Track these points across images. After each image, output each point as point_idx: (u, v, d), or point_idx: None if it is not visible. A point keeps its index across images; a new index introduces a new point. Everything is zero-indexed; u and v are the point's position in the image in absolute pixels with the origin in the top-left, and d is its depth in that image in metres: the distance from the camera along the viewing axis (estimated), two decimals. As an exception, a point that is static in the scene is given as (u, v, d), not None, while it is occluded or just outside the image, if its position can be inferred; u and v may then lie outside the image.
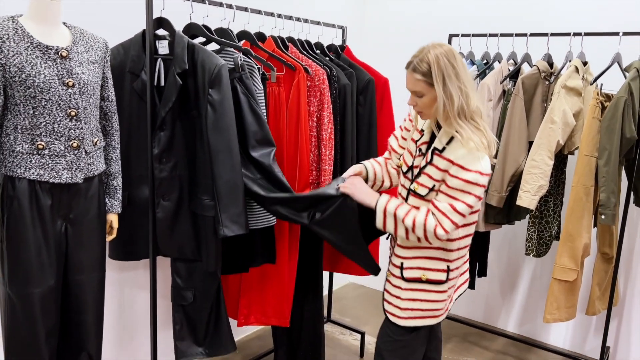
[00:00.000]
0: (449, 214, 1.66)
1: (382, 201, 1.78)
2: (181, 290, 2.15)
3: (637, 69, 2.42)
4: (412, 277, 1.83)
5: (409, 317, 1.86)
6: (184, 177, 2.06)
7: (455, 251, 1.81)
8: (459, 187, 1.66)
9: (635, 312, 2.96)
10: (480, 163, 1.64)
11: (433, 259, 1.80)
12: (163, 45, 1.99)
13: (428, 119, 1.80)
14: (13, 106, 1.57)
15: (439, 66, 1.64)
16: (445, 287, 1.84)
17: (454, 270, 1.83)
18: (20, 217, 1.60)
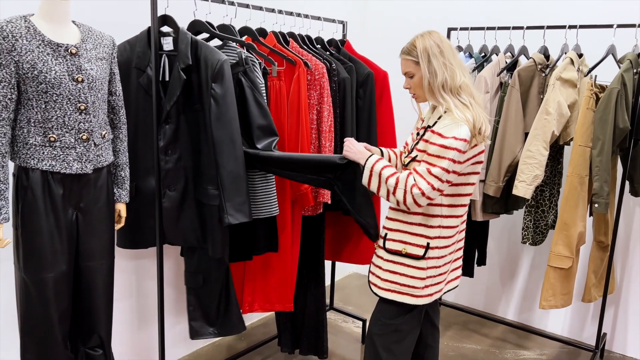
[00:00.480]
0: (424, 175, 1.76)
1: (371, 160, 1.89)
2: (193, 275, 2.26)
3: (630, 61, 2.47)
4: (394, 249, 1.92)
5: (387, 290, 1.94)
6: (188, 168, 2.15)
7: (436, 228, 1.87)
8: (436, 152, 1.76)
9: (633, 300, 3.02)
10: (457, 130, 1.74)
11: (414, 234, 1.89)
12: (167, 42, 2.07)
13: (422, 101, 1.92)
14: (26, 101, 1.66)
15: (424, 46, 1.83)
16: (424, 265, 1.88)
17: (434, 249, 1.88)
18: (34, 206, 1.69)
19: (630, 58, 2.49)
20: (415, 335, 2.06)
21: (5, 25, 1.60)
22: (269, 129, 2.13)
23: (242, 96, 2.08)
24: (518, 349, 3.11)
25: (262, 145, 2.12)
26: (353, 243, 2.90)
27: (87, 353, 1.96)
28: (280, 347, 2.82)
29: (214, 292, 2.28)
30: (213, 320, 2.33)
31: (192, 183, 2.17)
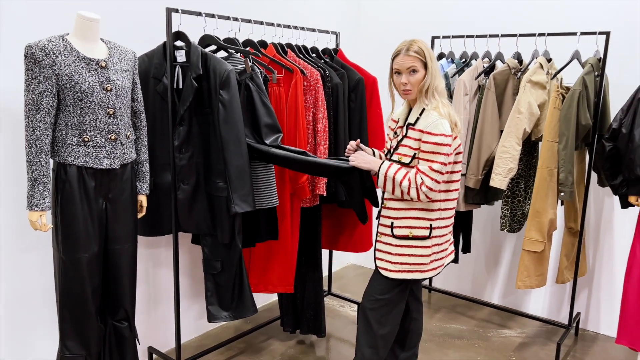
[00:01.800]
0: (428, 173, 2.07)
1: (384, 167, 2.18)
2: (211, 261, 2.52)
3: (591, 65, 2.77)
4: (401, 234, 2.20)
5: (399, 271, 2.23)
6: (200, 164, 2.45)
7: (436, 211, 2.18)
8: (431, 149, 2.07)
9: (604, 281, 3.31)
10: (443, 127, 2.06)
11: (418, 218, 2.18)
12: (181, 54, 2.38)
13: (412, 97, 2.18)
14: (64, 107, 1.97)
15: (427, 49, 2.14)
16: (429, 243, 2.20)
17: (436, 229, 2.19)
18: (71, 196, 2.00)
19: (591, 62, 2.78)
20: (402, 307, 2.35)
21: (47, 44, 1.91)
22: (274, 126, 2.43)
23: (250, 98, 2.39)
24: (500, 329, 3.39)
25: (269, 140, 2.42)
26: (348, 233, 3.19)
27: (115, 325, 2.27)
28: (283, 328, 3.12)
29: (230, 276, 2.54)
30: (228, 305, 2.57)
31: (203, 177, 2.47)
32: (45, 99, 1.91)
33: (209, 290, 2.54)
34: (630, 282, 2.68)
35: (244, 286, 2.57)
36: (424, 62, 2.12)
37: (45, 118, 1.92)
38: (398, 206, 2.21)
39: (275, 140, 2.43)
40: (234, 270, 2.56)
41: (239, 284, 2.58)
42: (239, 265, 2.57)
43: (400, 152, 2.18)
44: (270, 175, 2.53)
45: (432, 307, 3.67)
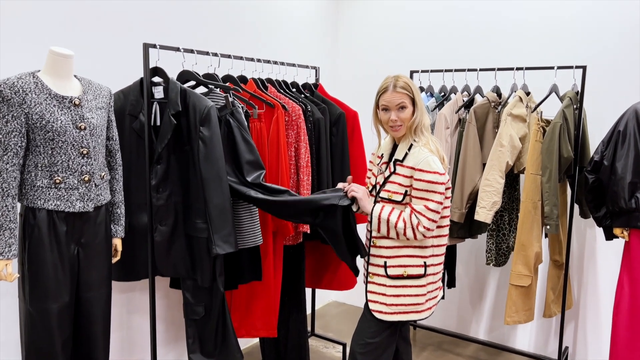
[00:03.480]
0: (425, 213, 2.02)
1: (377, 208, 2.12)
2: (193, 306, 2.38)
3: (570, 98, 2.80)
4: (395, 274, 2.12)
5: (394, 313, 2.13)
6: (178, 203, 2.34)
7: (429, 248, 2.12)
8: (425, 188, 2.02)
9: (590, 313, 3.28)
10: (435, 165, 2.03)
11: (412, 256, 2.11)
12: (158, 91, 2.29)
13: (402, 134, 2.13)
14: (34, 147, 1.85)
15: (413, 84, 2.11)
16: (424, 282, 2.12)
17: (430, 266, 2.12)
18: (40, 242, 1.86)
19: (570, 96, 2.81)
20: (392, 349, 2.26)
21: (16, 82, 1.80)
22: (256, 163, 2.35)
23: (230, 135, 2.30)
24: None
25: (251, 178, 2.33)
26: (332, 270, 3.10)
27: (86, 380, 2.10)
28: (265, 373, 2.97)
29: (212, 321, 2.41)
30: (211, 352, 2.41)
31: (181, 218, 2.35)
32: (13, 139, 1.80)
33: (190, 337, 2.40)
34: (619, 315, 2.64)
35: (227, 331, 2.43)
36: (412, 97, 2.09)
37: (13, 159, 1.80)
38: (390, 244, 2.13)
39: (257, 178, 2.35)
40: (217, 314, 2.42)
41: (222, 329, 2.44)
42: (222, 309, 2.43)
43: (389, 189, 2.12)
44: (254, 211, 2.43)
45: (418, 345, 3.57)
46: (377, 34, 3.96)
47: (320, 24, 3.97)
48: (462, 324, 3.77)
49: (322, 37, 4.04)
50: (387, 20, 3.90)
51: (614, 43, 3.02)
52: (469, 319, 3.74)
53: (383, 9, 3.92)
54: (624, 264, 2.64)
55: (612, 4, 3.01)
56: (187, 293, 2.41)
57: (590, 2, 3.08)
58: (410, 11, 3.79)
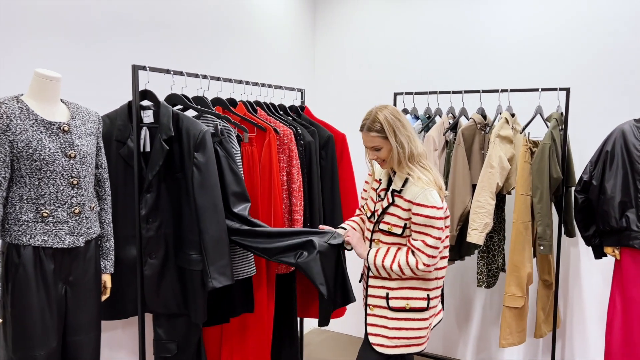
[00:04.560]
0: (423, 249, 1.94)
1: (371, 256, 2.04)
2: (165, 343, 2.24)
3: (556, 119, 2.84)
4: (398, 306, 2.04)
5: (395, 346, 2.05)
6: (169, 234, 2.20)
7: (434, 280, 2.06)
8: (423, 222, 1.94)
9: (576, 332, 3.30)
10: (433, 198, 1.95)
11: (415, 288, 2.04)
12: (148, 115, 2.16)
13: (388, 167, 2.09)
14: (19, 178, 1.69)
15: (388, 122, 1.99)
16: (427, 315, 2.06)
17: (434, 299, 2.07)
18: (25, 283, 1.68)
19: (556, 117, 2.86)
20: None
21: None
22: (242, 195, 2.24)
23: (217, 164, 2.19)
24: (480, 389, 3.27)
25: (237, 209, 2.22)
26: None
27: None
28: (256, 409, 2.81)
29: (186, 359, 2.27)
30: None
31: (172, 249, 2.21)
32: (-4, 169, 1.63)
33: None
34: (612, 333, 2.66)
35: None
36: (385, 137, 2.00)
37: (-5, 192, 1.63)
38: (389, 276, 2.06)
39: (243, 210, 2.23)
40: (192, 351, 2.28)
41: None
42: (197, 345, 2.30)
43: (389, 221, 2.05)
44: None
45: (406, 371, 3.49)
46: (362, 56, 3.95)
47: (303, 46, 3.93)
48: (448, 347, 3.73)
49: (305, 60, 3.98)
50: (372, 43, 3.89)
51: (596, 65, 3.11)
52: (456, 341, 3.70)
53: (367, 31, 3.92)
54: (615, 282, 2.67)
55: (594, 28, 3.10)
56: (159, 329, 2.26)
57: (573, 26, 3.16)
58: (393, 34, 3.80)
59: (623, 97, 3.03)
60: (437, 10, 3.59)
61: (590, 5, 3.10)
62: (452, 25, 3.55)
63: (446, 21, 3.57)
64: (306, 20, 3.98)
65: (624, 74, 3.02)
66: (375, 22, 3.85)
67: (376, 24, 3.85)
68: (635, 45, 2.99)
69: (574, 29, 3.16)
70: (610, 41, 3.06)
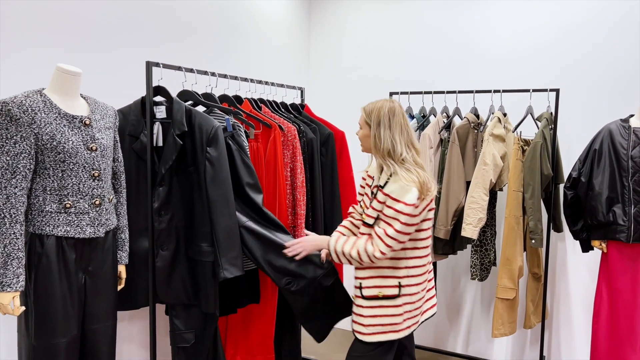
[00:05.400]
0: (382, 237, 2.01)
1: (332, 243, 2.14)
2: (182, 333, 2.29)
3: (546, 119, 2.98)
4: (370, 295, 2.12)
5: (372, 333, 2.13)
6: (180, 227, 2.25)
7: (403, 269, 2.11)
8: (390, 214, 2.02)
9: (563, 323, 3.45)
10: (406, 195, 1.99)
11: (385, 277, 2.11)
12: (160, 110, 2.22)
13: (365, 151, 2.19)
14: (42, 170, 1.73)
15: (378, 113, 2.08)
16: (400, 302, 2.11)
17: (406, 287, 2.11)
18: (49, 272, 1.73)
19: (546, 117, 2.99)
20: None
21: (24, 100, 1.69)
22: (255, 186, 2.31)
23: (230, 158, 2.26)
24: (471, 379, 3.39)
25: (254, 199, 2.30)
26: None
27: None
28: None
29: (204, 349, 2.33)
30: None
31: (183, 241, 2.27)
32: (22, 161, 1.67)
33: None
34: (599, 323, 2.81)
35: (218, 356, 2.37)
36: (367, 122, 2.11)
37: (21, 183, 1.68)
38: (365, 266, 2.14)
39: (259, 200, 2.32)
40: (209, 341, 2.35)
41: (213, 356, 2.37)
42: (214, 335, 2.36)
43: (367, 212, 2.13)
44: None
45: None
46: (356, 56, 4.04)
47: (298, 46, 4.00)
48: (439, 339, 3.84)
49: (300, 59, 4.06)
50: (366, 43, 3.99)
51: (584, 67, 3.25)
52: (446, 334, 3.82)
53: (362, 32, 4.01)
54: (602, 274, 2.81)
55: (583, 32, 3.25)
56: (175, 319, 2.32)
57: (563, 29, 3.30)
58: (387, 35, 3.90)
59: (610, 98, 3.19)
60: (432, 13, 3.71)
61: (579, 10, 3.25)
62: (446, 27, 3.67)
63: (440, 23, 3.69)
64: (301, 20, 4.06)
65: (611, 76, 3.18)
66: (370, 23, 3.95)
67: (370, 24, 3.95)
68: (621, 48, 3.15)
69: (564, 32, 3.30)
70: (598, 44, 3.21)
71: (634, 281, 2.70)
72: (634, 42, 3.12)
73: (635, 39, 3.11)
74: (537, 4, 3.37)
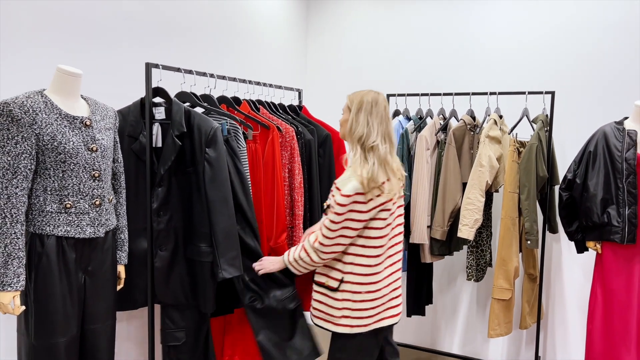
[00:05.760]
0: (322, 226, 2.07)
1: (284, 257, 2.22)
2: (173, 332, 2.31)
3: (542, 121, 3.01)
4: (319, 281, 2.19)
5: (315, 316, 2.21)
6: (178, 228, 2.27)
7: (349, 265, 2.09)
8: (331, 203, 2.05)
9: (558, 324, 3.48)
10: (346, 186, 2.00)
11: (332, 268, 2.13)
12: (159, 111, 2.23)
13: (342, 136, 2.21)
14: (43, 170, 1.74)
15: (360, 100, 2.10)
16: (339, 297, 2.11)
17: (347, 283, 2.09)
18: (49, 272, 1.74)
19: (542, 119, 3.02)
20: None
21: (25, 101, 1.70)
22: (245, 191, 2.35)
23: None
24: (467, 379, 3.41)
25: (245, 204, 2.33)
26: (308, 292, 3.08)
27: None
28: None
29: (195, 348, 2.35)
30: None
31: (181, 242, 2.28)
32: (23, 161, 1.69)
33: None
34: (594, 323, 2.83)
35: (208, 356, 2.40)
36: (349, 107, 2.13)
37: (22, 183, 1.69)
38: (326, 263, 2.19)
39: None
40: (201, 340, 2.37)
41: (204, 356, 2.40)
42: (206, 335, 2.38)
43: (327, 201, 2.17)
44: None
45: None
46: (353, 58, 4.07)
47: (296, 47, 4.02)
48: (435, 340, 3.87)
49: (297, 61, 4.08)
50: (363, 46, 4.02)
51: (579, 71, 3.29)
52: (442, 334, 3.85)
53: (359, 34, 4.04)
54: (597, 274, 2.84)
55: (578, 35, 3.29)
56: (167, 318, 2.32)
57: (559, 32, 3.34)
58: (384, 38, 3.93)
59: (605, 100, 3.22)
60: (429, 15, 3.74)
61: (575, 14, 3.29)
62: (443, 29, 3.70)
63: (437, 25, 3.71)
64: (299, 22, 4.09)
65: (606, 79, 3.22)
66: (367, 25, 3.98)
67: (367, 27, 3.98)
68: (616, 51, 3.18)
69: (560, 35, 3.34)
70: (593, 47, 3.25)
71: (628, 282, 2.73)
72: (629, 45, 3.15)
73: (629, 42, 3.15)
74: (533, 7, 3.40)
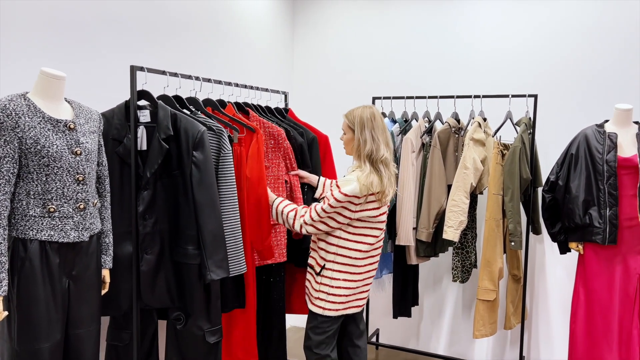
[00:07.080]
0: (312, 209, 2.35)
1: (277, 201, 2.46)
2: (119, 332, 2.35)
3: (525, 124, 3.05)
4: (310, 263, 2.48)
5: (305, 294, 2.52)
6: (164, 231, 2.25)
7: (332, 254, 2.38)
8: (328, 195, 2.32)
9: (541, 324, 3.52)
10: (347, 186, 2.27)
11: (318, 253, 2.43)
12: (144, 114, 2.22)
13: (348, 154, 2.46)
14: (26, 174, 1.72)
15: (360, 118, 2.34)
16: (319, 280, 2.41)
17: (328, 270, 2.39)
18: (32, 277, 1.72)
19: (525, 122, 3.07)
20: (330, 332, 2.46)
21: (8, 104, 1.68)
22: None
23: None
24: (453, 380, 3.44)
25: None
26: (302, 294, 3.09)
27: None
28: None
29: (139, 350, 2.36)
30: None
31: (167, 245, 2.27)
32: (5, 165, 1.66)
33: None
34: (576, 322, 2.87)
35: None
36: (350, 127, 2.37)
37: (4, 187, 1.67)
38: (314, 239, 2.47)
39: None
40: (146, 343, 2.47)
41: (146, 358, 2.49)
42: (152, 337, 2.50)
43: None
44: (238, 239, 2.39)
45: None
46: (339, 61, 4.08)
47: (281, 49, 4.02)
48: (422, 341, 3.89)
49: (283, 63, 4.08)
50: (349, 49, 4.03)
51: (562, 74, 3.35)
52: (429, 335, 3.87)
53: (345, 37, 4.05)
54: (579, 275, 2.89)
55: (560, 39, 3.34)
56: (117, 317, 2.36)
57: (541, 36, 3.39)
58: (370, 41, 3.95)
59: (586, 103, 3.28)
60: (415, 18, 3.77)
61: (556, 20, 3.34)
62: (429, 32, 3.73)
63: (423, 28, 3.75)
64: (285, 24, 4.09)
65: (588, 82, 3.27)
66: (353, 28, 4.00)
67: (353, 29, 4.00)
68: (597, 54, 3.24)
69: (542, 39, 3.39)
70: (575, 51, 3.31)
71: (609, 282, 2.77)
72: (609, 49, 3.21)
73: (610, 46, 3.21)
74: (517, 12, 3.45)
